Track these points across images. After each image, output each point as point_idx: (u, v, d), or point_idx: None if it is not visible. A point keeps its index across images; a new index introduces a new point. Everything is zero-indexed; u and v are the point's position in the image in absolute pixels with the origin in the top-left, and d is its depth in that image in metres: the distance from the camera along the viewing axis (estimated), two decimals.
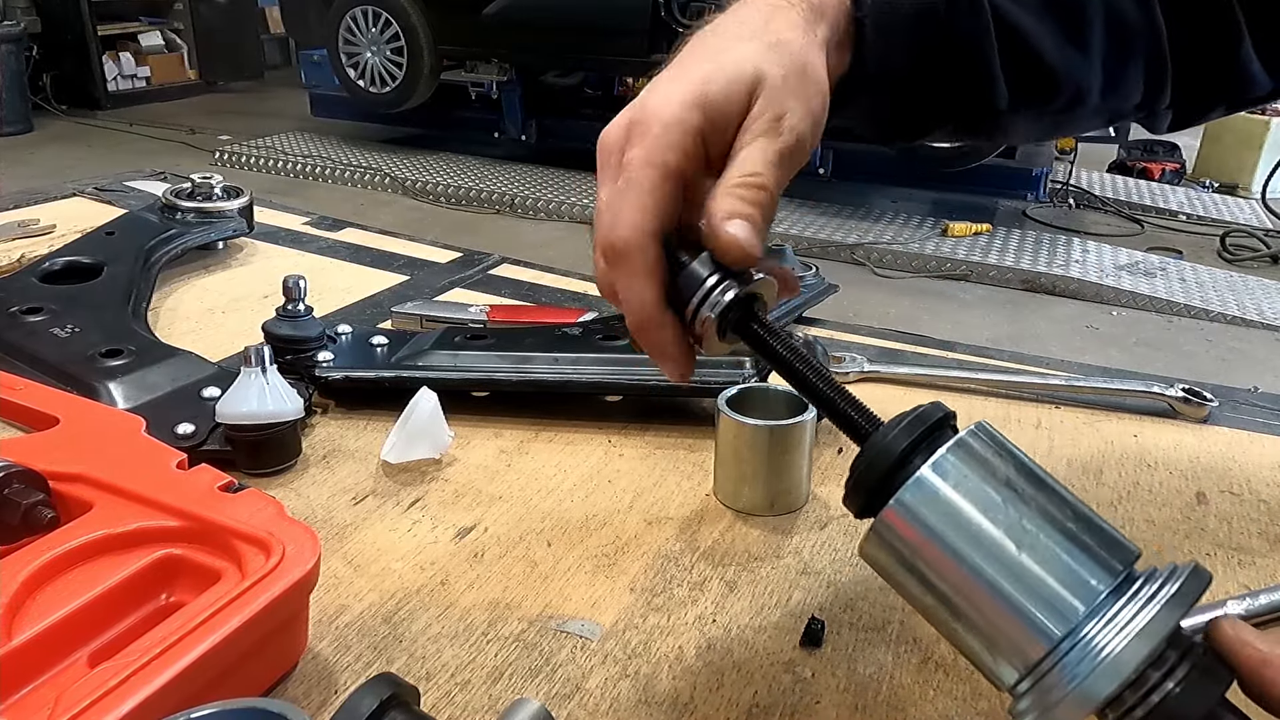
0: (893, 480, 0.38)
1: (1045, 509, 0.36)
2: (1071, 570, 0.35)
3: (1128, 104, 0.64)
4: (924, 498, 0.37)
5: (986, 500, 0.36)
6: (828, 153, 5.52)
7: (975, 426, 0.39)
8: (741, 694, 0.54)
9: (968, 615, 0.36)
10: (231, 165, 5.96)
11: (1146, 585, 0.35)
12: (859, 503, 0.40)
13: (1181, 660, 0.34)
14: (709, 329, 0.44)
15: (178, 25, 8.35)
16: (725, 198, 0.44)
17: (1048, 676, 0.34)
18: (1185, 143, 6.49)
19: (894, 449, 0.38)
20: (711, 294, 0.44)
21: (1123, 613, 0.34)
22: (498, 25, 5.40)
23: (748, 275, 0.45)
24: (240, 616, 0.47)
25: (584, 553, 0.66)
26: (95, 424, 0.69)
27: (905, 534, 0.37)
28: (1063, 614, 0.35)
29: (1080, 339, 3.83)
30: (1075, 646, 0.34)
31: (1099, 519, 0.37)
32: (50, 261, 1.03)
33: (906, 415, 0.40)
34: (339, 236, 1.33)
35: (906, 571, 0.38)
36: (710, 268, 0.44)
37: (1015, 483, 0.37)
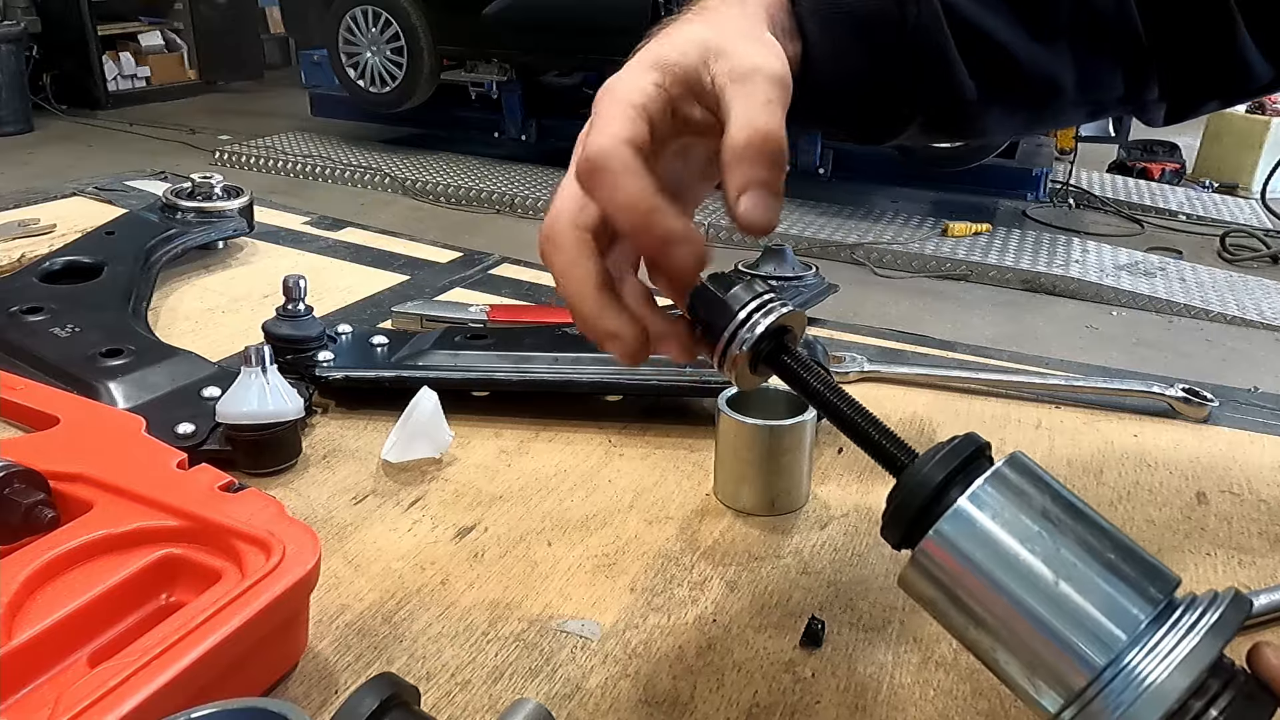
0: (930, 511, 0.38)
1: (1083, 538, 0.37)
2: (1112, 599, 0.35)
3: (1109, 96, 0.63)
4: (962, 528, 0.37)
5: (1024, 530, 0.37)
6: (828, 153, 5.52)
7: (1011, 458, 0.39)
8: (741, 694, 0.54)
9: (1009, 644, 0.37)
10: (231, 165, 5.96)
11: (1188, 614, 0.35)
12: (898, 534, 0.40)
13: (1225, 688, 0.34)
14: (740, 364, 0.44)
15: (178, 25, 8.36)
16: (735, 166, 0.43)
17: (1091, 705, 0.34)
18: (1185, 143, 6.49)
19: (931, 480, 0.39)
20: (740, 330, 0.44)
21: (1165, 641, 0.34)
22: (498, 25, 5.40)
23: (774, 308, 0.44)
24: (240, 616, 0.47)
25: (584, 553, 0.66)
26: (95, 424, 0.69)
27: (945, 564, 0.38)
28: (1105, 643, 0.35)
29: (1080, 339, 3.84)
30: (1119, 675, 0.34)
31: (1138, 547, 0.37)
32: (50, 261, 1.03)
33: (943, 446, 0.40)
34: (339, 236, 1.33)
35: (947, 601, 0.38)
36: (739, 302, 0.44)
37: (1052, 512, 0.37)
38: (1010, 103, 0.61)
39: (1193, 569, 0.67)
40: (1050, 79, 0.60)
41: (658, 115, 0.45)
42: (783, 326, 0.44)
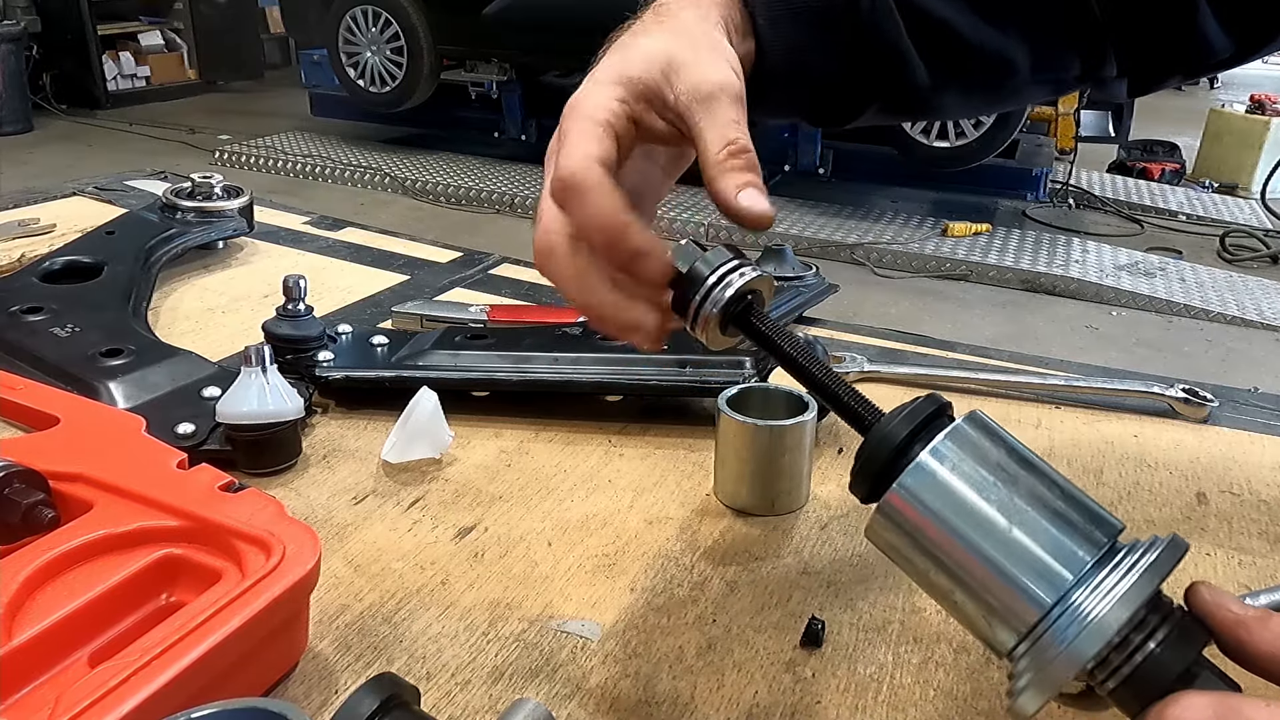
0: (895, 466, 0.41)
1: (1035, 488, 0.39)
2: (1060, 543, 0.38)
3: (1067, 75, 0.64)
4: (924, 481, 0.40)
5: (981, 482, 0.39)
6: (828, 152, 5.52)
7: (970, 415, 0.41)
8: (741, 694, 0.54)
9: (968, 587, 0.39)
10: (231, 165, 5.96)
11: (1129, 555, 0.37)
12: (864, 489, 0.43)
13: (1162, 623, 0.36)
14: (711, 324, 0.46)
15: (178, 25, 8.35)
16: (724, 175, 0.46)
17: (1041, 640, 0.37)
18: (1185, 143, 6.49)
19: (895, 437, 0.41)
20: (713, 291, 0.46)
21: (1107, 580, 0.37)
22: (498, 25, 5.40)
23: (745, 272, 0.47)
24: (240, 616, 0.47)
25: (584, 553, 0.66)
26: (95, 424, 0.69)
27: (908, 515, 0.40)
28: (1053, 583, 0.37)
29: (1080, 339, 3.84)
30: (1065, 612, 0.37)
31: (1085, 497, 0.40)
32: (50, 261, 1.03)
33: (906, 406, 0.42)
34: (339, 236, 1.33)
35: (910, 549, 0.41)
36: (710, 267, 0.47)
37: (1007, 465, 0.40)
38: (964, 85, 0.63)
39: (1193, 569, 0.67)
40: (1003, 60, 0.61)
41: (623, 130, 0.48)
42: (752, 289, 0.47)
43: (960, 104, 0.66)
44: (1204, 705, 0.34)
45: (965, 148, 5.02)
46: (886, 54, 0.59)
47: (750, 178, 0.46)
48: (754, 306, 0.47)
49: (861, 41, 0.58)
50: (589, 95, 0.48)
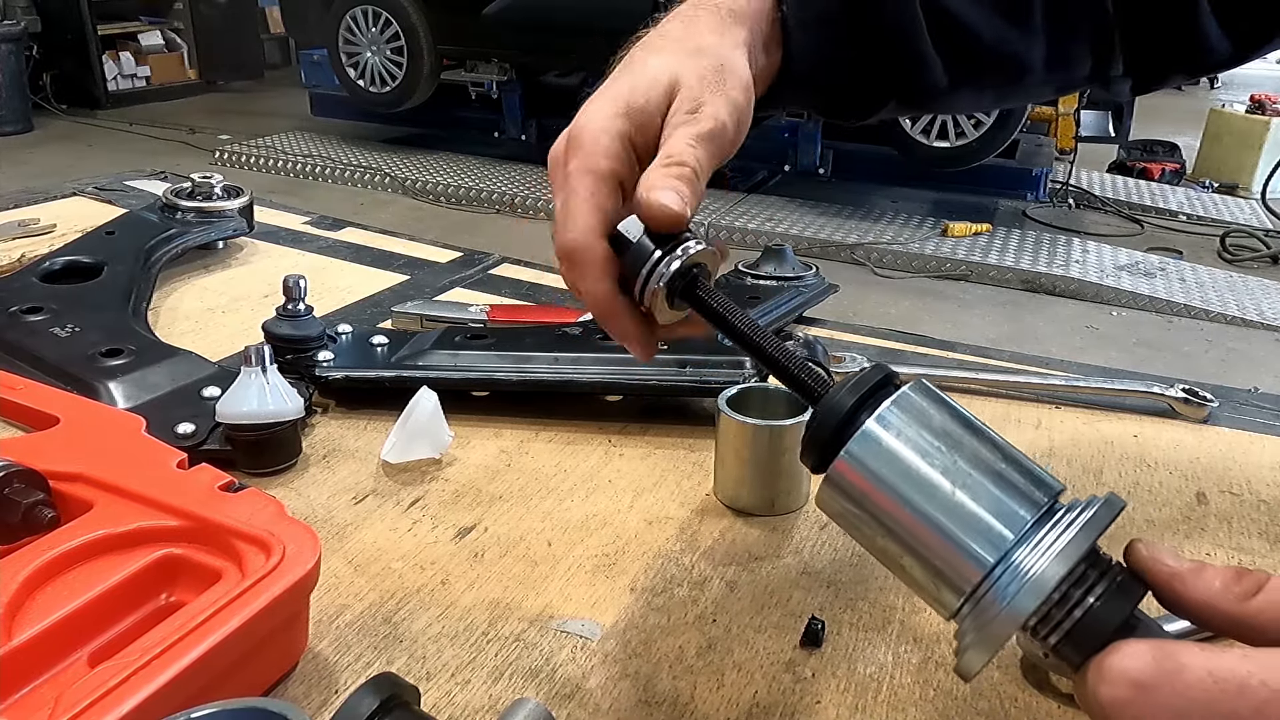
0: (842, 435, 0.41)
1: (978, 452, 0.40)
2: (1002, 504, 0.39)
3: (1076, 74, 0.65)
4: (869, 448, 0.40)
5: (925, 446, 0.40)
6: (828, 152, 5.52)
7: (915, 382, 0.42)
8: (741, 694, 0.54)
9: (914, 550, 0.40)
10: (231, 165, 5.96)
11: (1067, 514, 0.38)
12: (814, 458, 0.43)
13: (1101, 578, 0.37)
14: (658, 299, 0.48)
15: (178, 25, 8.36)
16: (649, 176, 0.48)
17: (984, 599, 0.38)
18: (1185, 143, 6.49)
19: (843, 407, 0.42)
20: (657, 266, 0.47)
21: (1046, 538, 0.37)
22: (498, 25, 5.40)
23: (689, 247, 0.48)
24: (240, 616, 0.47)
25: (584, 553, 0.66)
26: (95, 423, 0.69)
27: (855, 482, 0.41)
28: (994, 543, 0.38)
29: (1080, 339, 3.84)
30: (1006, 570, 0.37)
31: (1027, 460, 0.41)
32: (50, 261, 1.03)
33: (853, 376, 0.43)
34: (339, 236, 1.33)
35: (859, 515, 0.41)
36: (655, 242, 0.48)
37: (950, 430, 0.40)
38: (979, 84, 0.64)
39: None
40: (1020, 61, 0.62)
41: (626, 170, 0.50)
42: (697, 263, 0.48)
43: (971, 101, 0.66)
44: (1142, 651, 0.34)
45: (965, 148, 5.02)
46: (907, 56, 0.59)
47: (671, 183, 0.47)
48: (700, 280, 0.48)
49: (884, 43, 0.59)
50: (594, 127, 0.49)
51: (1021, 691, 0.54)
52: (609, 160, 0.49)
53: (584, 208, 0.48)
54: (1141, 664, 0.34)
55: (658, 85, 0.50)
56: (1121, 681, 0.34)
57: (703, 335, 0.52)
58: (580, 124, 0.50)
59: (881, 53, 0.59)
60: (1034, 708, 0.53)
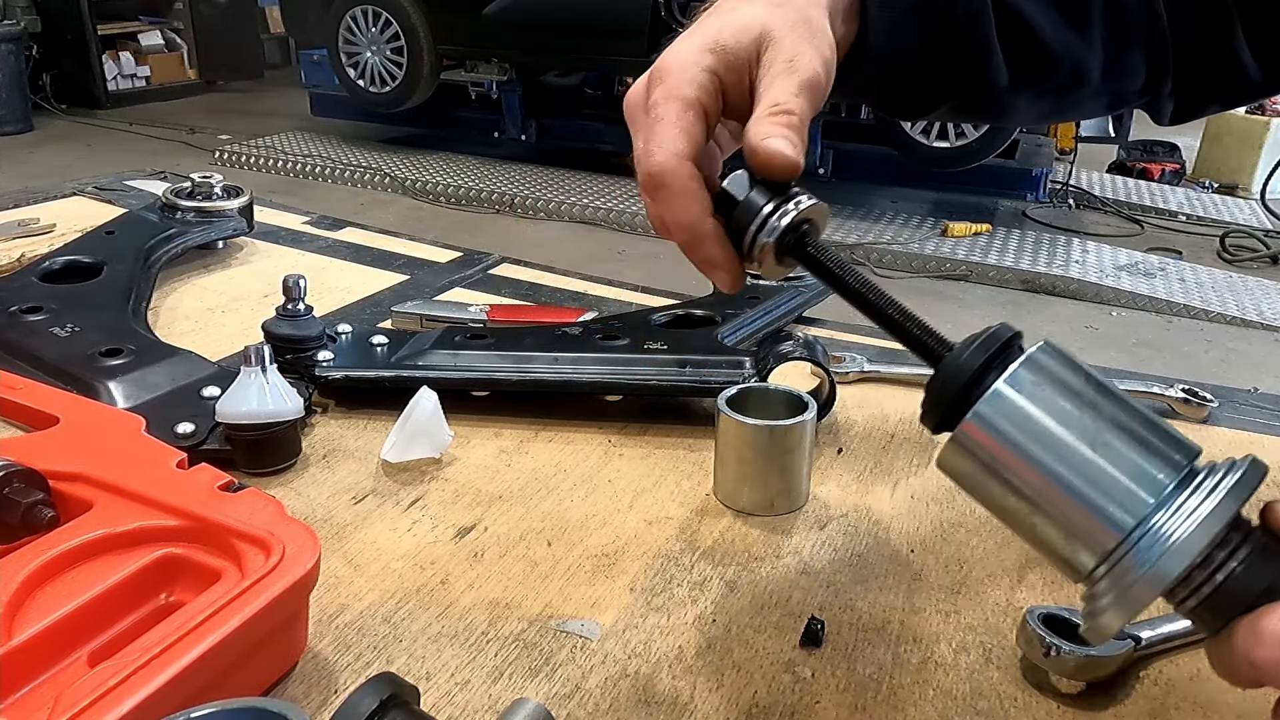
0: (969, 396, 0.40)
1: (1114, 414, 0.39)
2: (1140, 467, 0.38)
3: (1131, 88, 0.65)
4: (1001, 408, 0.40)
5: (1058, 409, 0.39)
6: (828, 152, 5.52)
7: (1044, 343, 0.41)
8: (741, 694, 0.54)
9: (1047, 513, 0.39)
10: (231, 165, 5.96)
11: (1209, 478, 0.38)
12: (936, 418, 0.42)
13: (1243, 542, 0.37)
14: (767, 254, 0.46)
15: (178, 25, 8.36)
16: (759, 124, 0.47)
17: (1122, 562, 0.37)
18: (1185, 143, 6.49)
19: (969, 367, 0.41)
20: (769, 221, 0.46)
21: (1189, 503, 0.37)
22: (498, 25, 5.40)
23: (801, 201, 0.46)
24: (240, 616, 0.47)
25: (584, 552, 0.66)
26: (95, 423, 0.69)
27: (984, 443, 0.40)
28: (1133, 507, 0.38)
29: (1080, 339, 3.83)
30: (1146, 534, 0.37)
31: (1163, 421, 0.40)
32: (50, 261, 1.03)
33: (978, 336, 0.42)
34: (339, 236, 1.33)
35: (986, 476, 0.41)
36: (765, 197, 0.46)
37: (1084, 392, 0.40)
38: (1038, 89, 0.63)
39: None
40: (1079, 67, 0.62)
41: (711, 106, 0.48)
42: (807, 219, 0.47)
43: (1028, 108, 0.65)
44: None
45: (965, 148, 5.02)
46: (975, 49, 0.59)
47: (782, 130, 0.46)
48: (809, 236, 0.47)
49: (954, 33, 0.58)
50: (681, 60, 0.49)
51: (1021, 691, 0.54)
52: (695, 90, 0.48)
53: (671, 131, 0.47)
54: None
55: (749, 30, 0.49)
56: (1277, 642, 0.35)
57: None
58: (666, 59, 0.49)
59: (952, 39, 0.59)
60: (1034, 708, 0.53)
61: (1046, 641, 0.53)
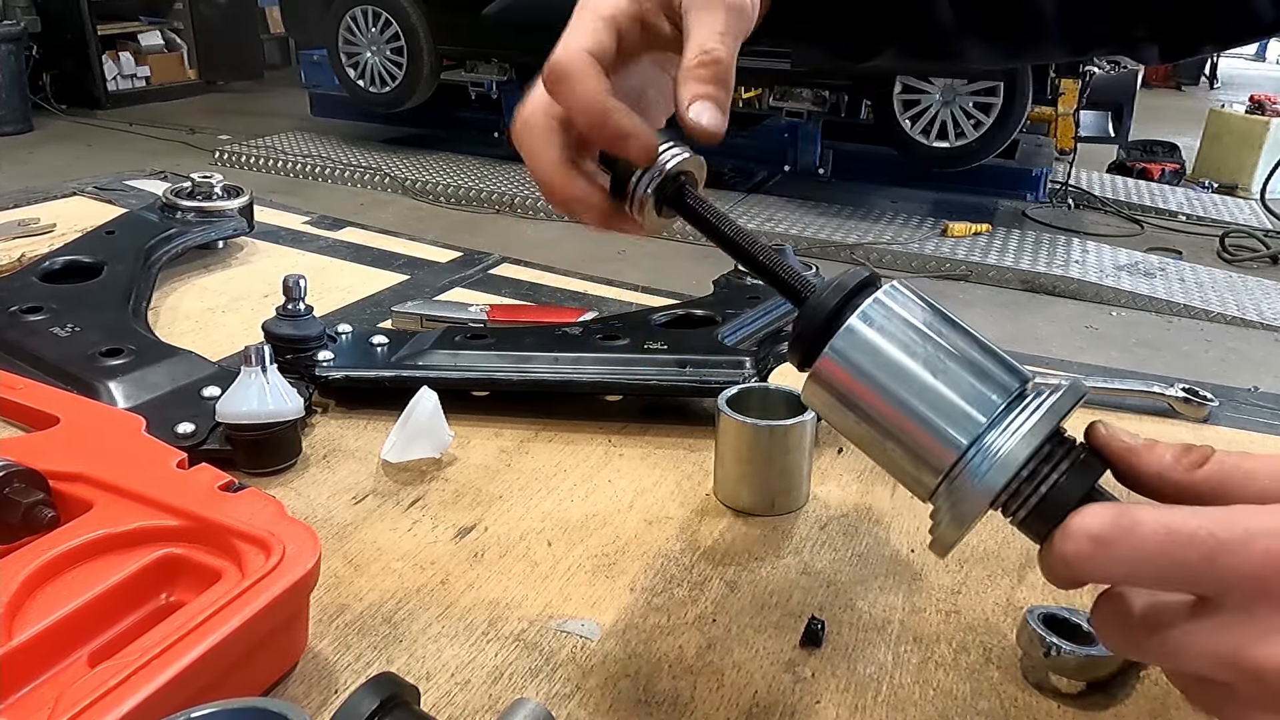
0: (828, 332, 0.43)
1: (954, 343, 0.42)
2: (976, 390, 0.41)
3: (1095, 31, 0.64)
4: (854, 342, 0.43)
5: (905, 340, 0.42)
6: (827, 153, 5.52)
7: (892, 283, 0.44)
8: (741, 694, 0.54)
9: (896, 437, 0.42)
10: (231, 165, 5.96)
11: (1035, 399, 0.41)
12: (800, 355, 0.45)
13: (1065, 455, 0.40)
14: (647, 205, 0.49)
15: (177, 25, 8.36)
16: (686, 83, 0.47)
17: (958, 479, 0.41)
18: (1185, 143, 6.49)
19: (828, 306, 0.44)
20: (647, 171, 0.48)
21: (1014, 421, 0.40)
22: (497, 25, 5.40)
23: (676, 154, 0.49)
24: (240, 616, 0.47)
25: (584, 552, 0.66)
26: (95, 423, 0.69)
27: (839, 376, 0.43)
28: (967, 427, 0.41)
29: (1080, 339, 3.84)
30: (979, 452, 0.40)
31: (1000, 351, 0.43)
32: (50, 261, 1.03)
33: (836, 278, 0.45)
34: (339, 236, 1.33)
35: (843, 407, 0.43)
36: None
37: (929, 324, 0.43)
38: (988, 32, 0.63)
39: None
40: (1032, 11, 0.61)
41: (626, 26, 0.49)
42: (684, 170, 0.49)
43: (982, 52, 0.65)
44: (1101, 510, 0.37)
45: (965, 148, 5.02)
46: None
47: (709, 90, 0.47)
48: (686, 187, 0.49)
49: None
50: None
51: (1021, 691, 0.54)
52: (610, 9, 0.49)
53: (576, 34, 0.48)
54: (1100, 521, 0.37)
55: None
56: (1082, 537, 0.37)
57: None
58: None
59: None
60: (1034, 708, 0.53)
61: (1047, 641, 0.53)
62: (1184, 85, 10.79)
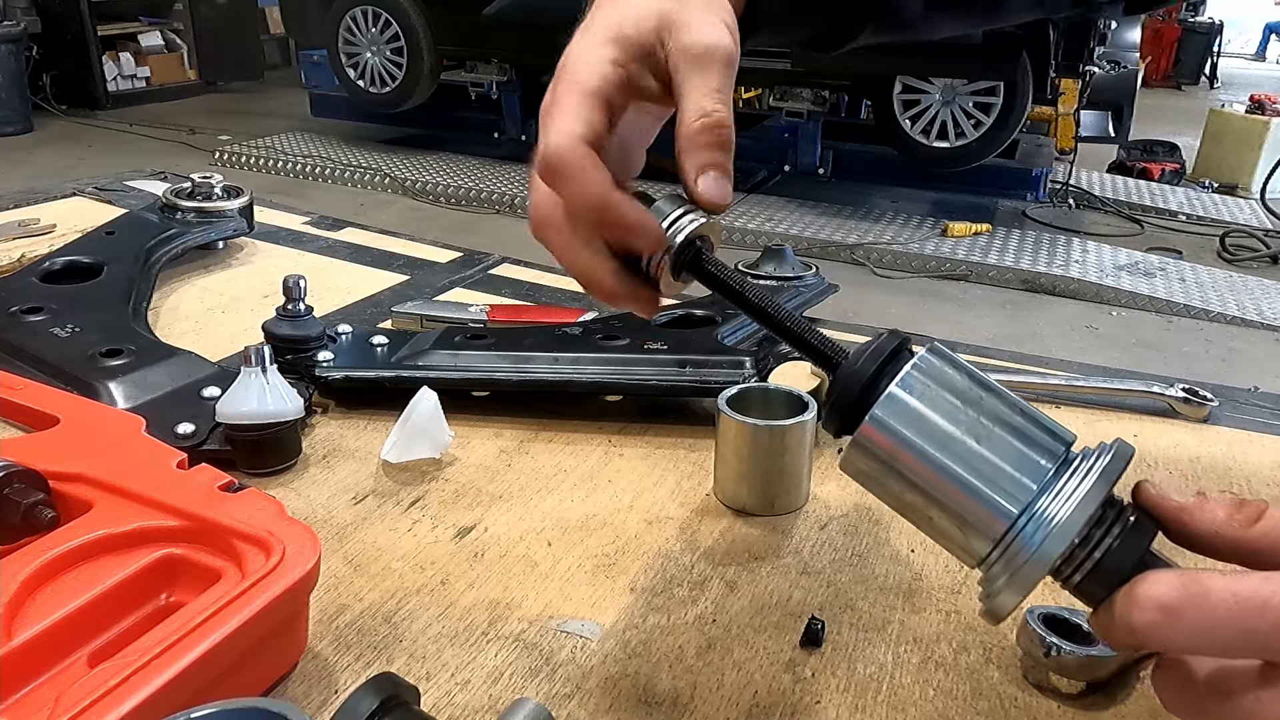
0: (866, 399, 0.43)
1: (996, 409, 0.42)
2: (1023, 455, 0.41)
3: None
4: (896, 410, 0.42)
5: (946, 407, 0.42)
6: (827, 152, 5.52)
7: (930, 347, 0.44)
8: (741, 694, 0.54)
9: (942, 504, 0.42)
10: (231, 165, 5.97)
11: (1084, 462, 0.41)
12: (837, 424, 0.45)
13: (1118, 518, 0.40)
14: (665, 271, 0.48)
15: (177, 25, 8.36)
16: (690, 152, 0.47)
17: (1012, 546, 0.40)
18: (1185, 143, 6.49)
19: (864, 373, 0.43)
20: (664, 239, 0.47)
21: (1066, 486, 0.40)
22: (497, 25, 5.40)
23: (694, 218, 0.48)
24: (240, 616, 0.47)
25: (584, 552, 0.66)
26: (95, 424, 0.69)
27: (882, 443, 0.42)
28: (1018, 495, 0.40)
29: (1080, 339, 3.84)
30: (1031, 519, 0.40)
31: (1040, 414, 0.43)
32: (50, 261, 1.03)
33: (870, 344, 0.45)
34: (339, 236, 1.33)
35: (886, 474, 0.43)
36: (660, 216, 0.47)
37: (969, 390, 0.42)
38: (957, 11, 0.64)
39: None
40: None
41: (616, 96, 0.48)
42: (700, 235, 0.48)
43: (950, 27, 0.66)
44: (1170, 578, 0.37)
45: (965, 148, 5.03)
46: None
47: (716, 158, 0.46)
48: (704, 252, 0.49)
49: None
50: (582, 56, 0.48)
51: (1021, 691, 0.54)
52: (598, 81, 0.47)
53: (566, 117, 0.46)
54: (1169, 589, 0.36)
55: (648, 18, 0.48)
56: (1152, 606, 0.36)
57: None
58: (568, 56, 0.48)
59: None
60: (1034, 708, 0.53)
61: (1047, 641, 0.53)
62: (1184, 85, 10.80)
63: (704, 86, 0.47)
